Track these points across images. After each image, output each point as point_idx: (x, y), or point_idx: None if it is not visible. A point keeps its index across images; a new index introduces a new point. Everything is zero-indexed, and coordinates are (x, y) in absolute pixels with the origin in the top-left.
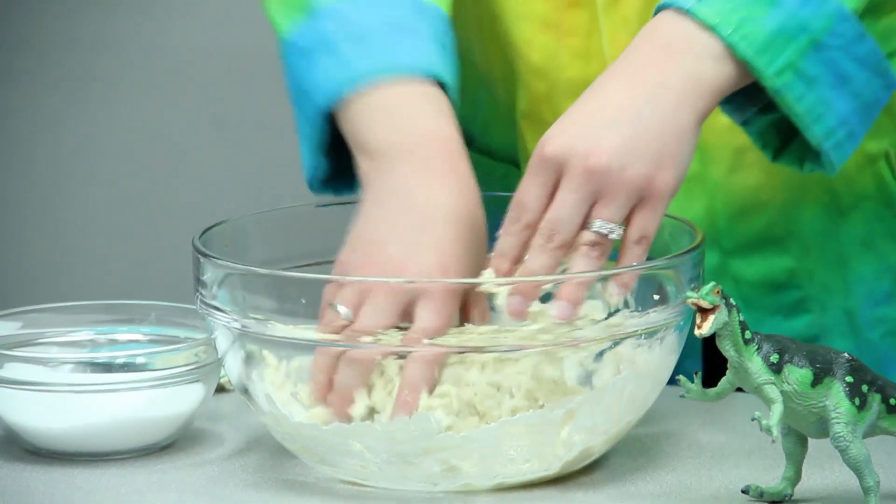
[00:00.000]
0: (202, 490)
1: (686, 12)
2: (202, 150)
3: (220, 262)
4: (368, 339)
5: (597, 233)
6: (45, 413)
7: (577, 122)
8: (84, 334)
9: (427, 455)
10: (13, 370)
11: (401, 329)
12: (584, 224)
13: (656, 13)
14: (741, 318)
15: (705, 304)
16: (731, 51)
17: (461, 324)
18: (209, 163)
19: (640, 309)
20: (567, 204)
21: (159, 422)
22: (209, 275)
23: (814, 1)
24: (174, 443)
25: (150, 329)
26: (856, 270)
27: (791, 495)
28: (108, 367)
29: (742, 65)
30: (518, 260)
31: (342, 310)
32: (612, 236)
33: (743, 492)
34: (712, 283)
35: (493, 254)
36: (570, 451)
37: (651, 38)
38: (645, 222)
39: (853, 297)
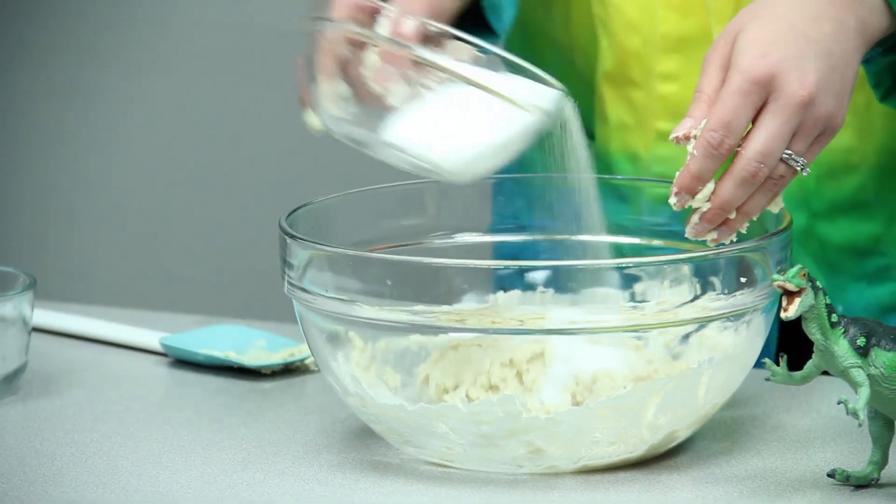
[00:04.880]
0: (287, 470)
1: None
2: (289, 131)
3: (306, 243)
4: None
5: (789, 167)
6: None
7: (776, 48)
8: None
9: (512, 437)
10: None
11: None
12: None
13: None
14: (827, 301)
15: (791, 287)
16: (890, 6)
17: None
18: (295, 143)
19: (726, 291)
20: (781, 136)
21: None
22: (296, 256)
23: None
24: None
25: None
26: None
27: (878, 479)
28: None
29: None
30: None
31: None
32: (805, 173)
33: (829, 476)
34: (798, 266)
35: (683, 173)
36: (655, 434)
37: None
38: (813, 156)
39: None
